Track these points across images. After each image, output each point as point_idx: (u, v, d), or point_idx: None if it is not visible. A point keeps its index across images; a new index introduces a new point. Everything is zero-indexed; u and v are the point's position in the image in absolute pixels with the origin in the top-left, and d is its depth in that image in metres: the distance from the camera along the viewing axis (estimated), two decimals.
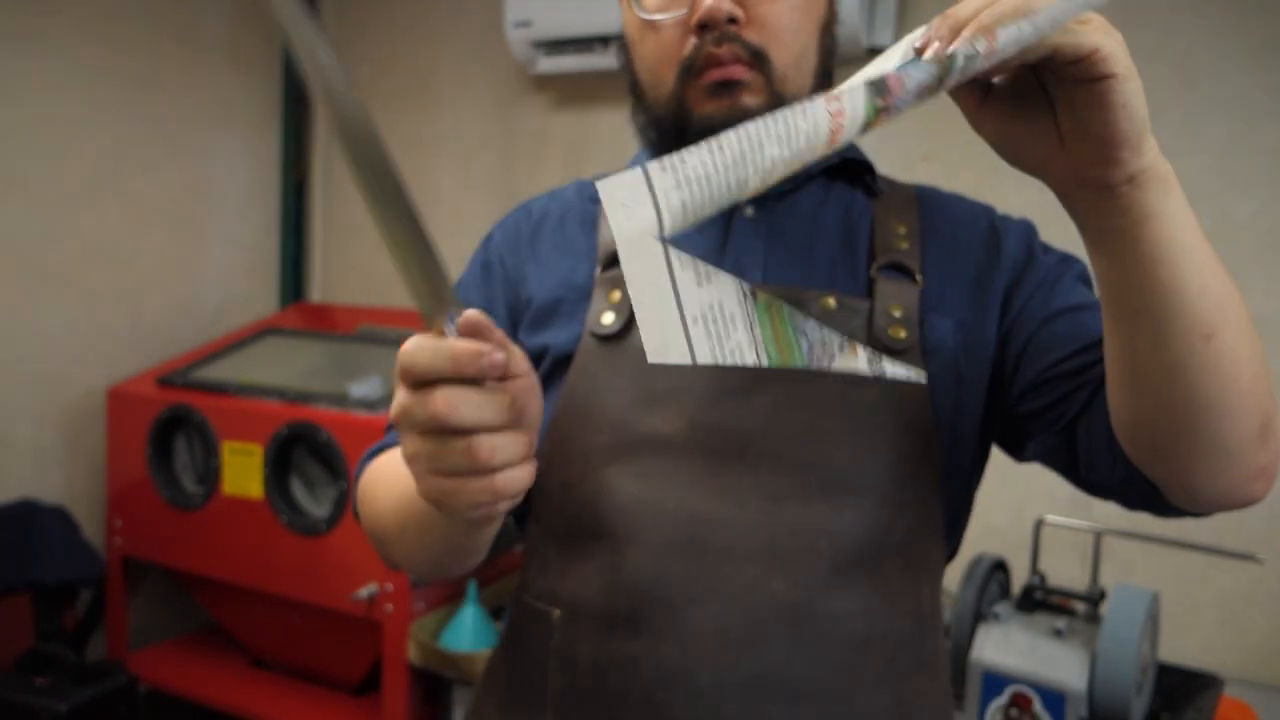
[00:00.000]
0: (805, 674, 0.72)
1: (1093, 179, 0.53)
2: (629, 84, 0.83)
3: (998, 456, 0.82)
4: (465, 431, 0.52)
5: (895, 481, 0.73)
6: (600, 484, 0.75)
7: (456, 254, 3.19)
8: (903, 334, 0.74)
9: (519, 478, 0.53)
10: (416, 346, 0.53)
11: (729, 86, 0.74)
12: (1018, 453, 0.79)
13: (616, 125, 2.38)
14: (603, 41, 2.20)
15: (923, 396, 0.74)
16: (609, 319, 0.78)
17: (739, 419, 0.73)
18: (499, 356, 0.51)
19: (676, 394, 0.75)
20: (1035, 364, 0.74)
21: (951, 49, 0.50)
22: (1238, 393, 0.56)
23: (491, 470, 0.52)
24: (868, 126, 0.50)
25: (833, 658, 0.72)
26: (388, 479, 0.75)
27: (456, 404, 0.51)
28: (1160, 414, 0.59)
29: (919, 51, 0.52)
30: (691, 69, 0.75)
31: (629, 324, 0.77)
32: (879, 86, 0.50)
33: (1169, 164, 0.53)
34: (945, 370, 0.75)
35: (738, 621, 0.71)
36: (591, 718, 0.74)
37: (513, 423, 0.53)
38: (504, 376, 0.52)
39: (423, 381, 0.53)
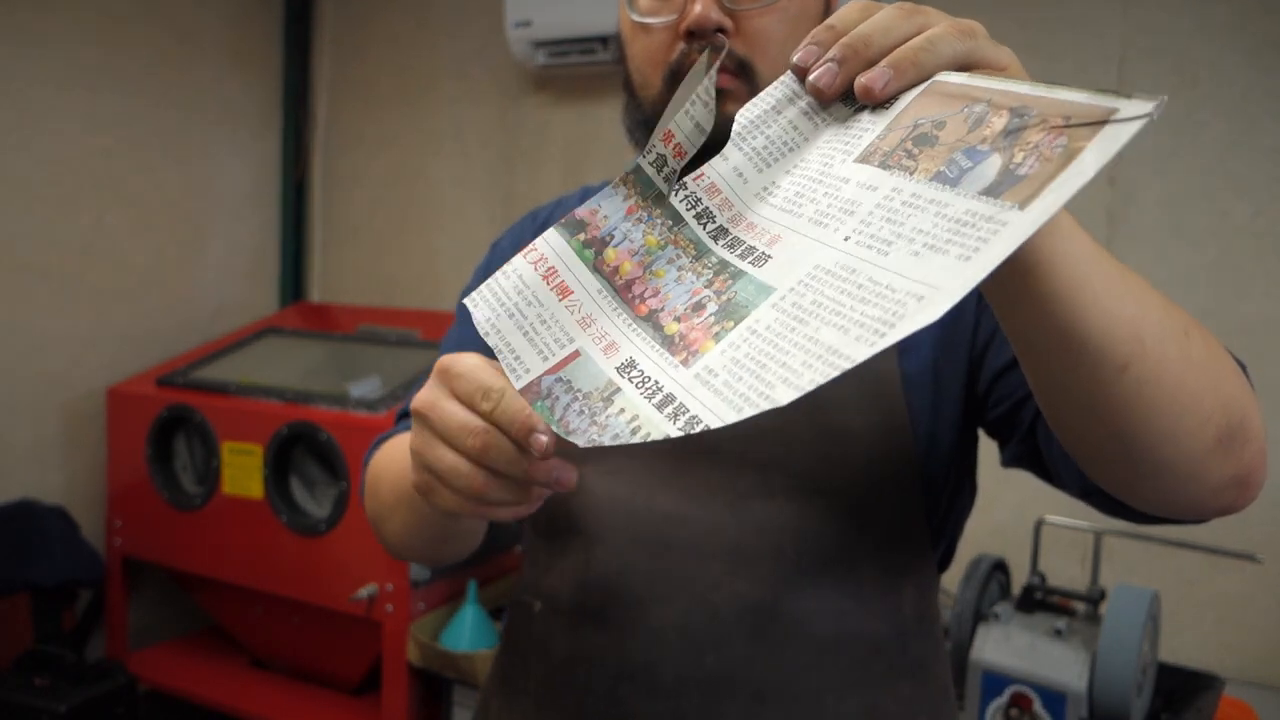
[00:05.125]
0: (768, 674, 0.72)
1: None
2: (623, 82, 0.84)
3: (996, 456, 0.82)
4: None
5: (868, 482, 0.73)
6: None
7: (457, 253, 3.17)
8: None
9: (500, 513, 0.54)
10: (478, 366, 0.52)
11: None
12: (1001, 457, 0.78)
13: (616, 124, 2.38)
14: (602, 41, 2.20)
15: (898, 395, 0.73)
16: None
17: None
18: (544, 440, 0.49)
19: None
20: (994, 364, 0.72)
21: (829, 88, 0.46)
22: (1172, 415, 0.50)
23: (477, 500, 0.53)
24: (596, 260, 0.48)
25: (797, 659, 0.72)
26: (391, 459, 0.77)
27: (487, 446, 0.51)
28: (1089, 443, 0.55)
29: (798, 71, 0.48)
30: (677, 74, 0.75)
31: None
32: (574, 224, 0.48)
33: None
34: (922, 369, 0.74)
35: (700, 619, 0.72)
36: (562, 708, 0.76)
37: (517, 483, 0.53)
38: (541, 456, 0.51)
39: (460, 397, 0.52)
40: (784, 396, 0.38)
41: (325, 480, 2.04)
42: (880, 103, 0.45)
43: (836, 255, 0.41)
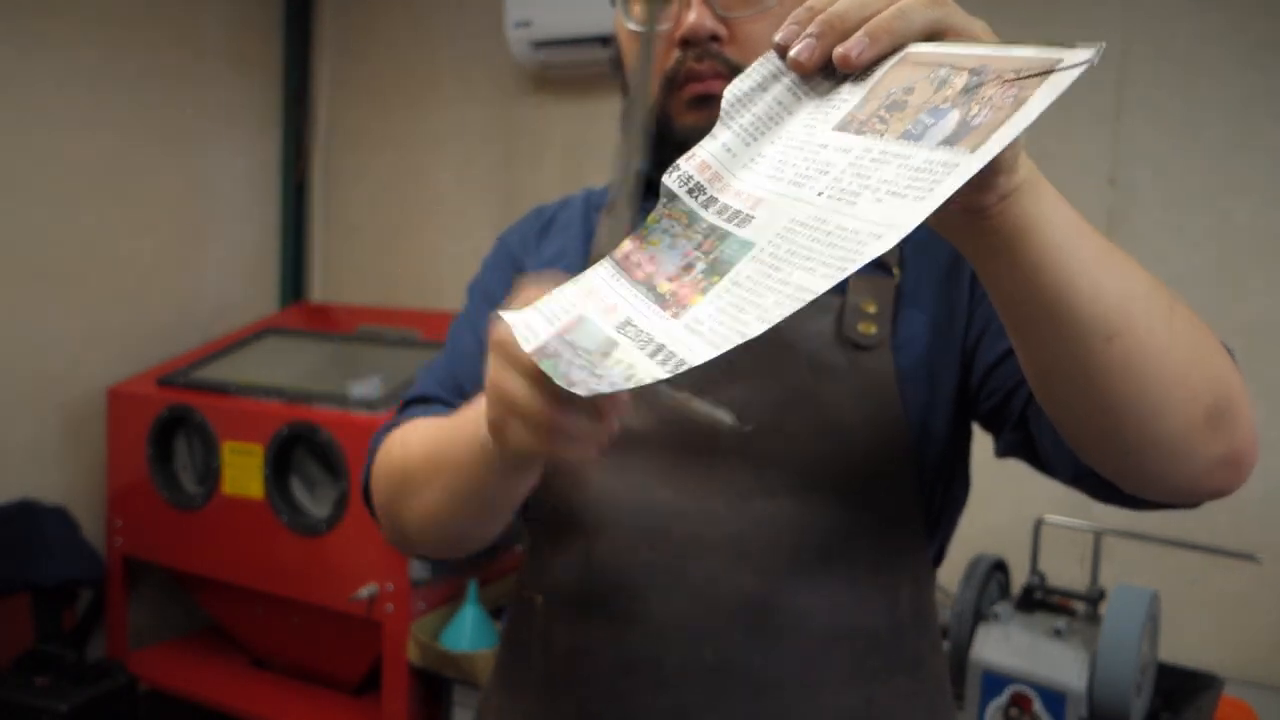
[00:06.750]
0: (767, 667, 0.73)
1: (964, 204, 0.47)
2: (620, 87, 0.85)
3: (993, 458, 0.82)
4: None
5: (865, 478, 0.74)
6: (575, 476, 0.78)
7: (456, 252, 3.17)
8: (872, 330, 0.75)
9: (571, 450, 0.54)
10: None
11: (708, 100, 0.75)
12: (995, 448, 0.78)
13: (616, 124, 2.38)
14: (602, 41, 2.20)
15: (893, 392, 0.74)
16: None
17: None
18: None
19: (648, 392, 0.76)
20: (986, 358, 0.74)
21: (809, 53, 0.49)
22: (1160, 388, 0.51)
23: (549, 432, 0.53)
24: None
25: (796, 652, 0.73)
26: (426, 427, 0.74)
27: (563, 420, 0.52)
28: (1080, 418, 0.56)
29: (780, 49, 0.51)
30: (674, 81, 0.76)
31: None
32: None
33: (1034, 165, 0.48)
34: (916, 365, 0.75)
35: (701, 612, 0.73)
36: (564, 701, 0.77)
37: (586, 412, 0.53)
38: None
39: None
40: (754, 329, 0.41)
41: (325, 480, 2.04)
42: (859, 72, 0.48)
43: (810, 210, 0.45)
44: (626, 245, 0.52)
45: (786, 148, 0.50)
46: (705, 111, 0.76)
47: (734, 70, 0.75)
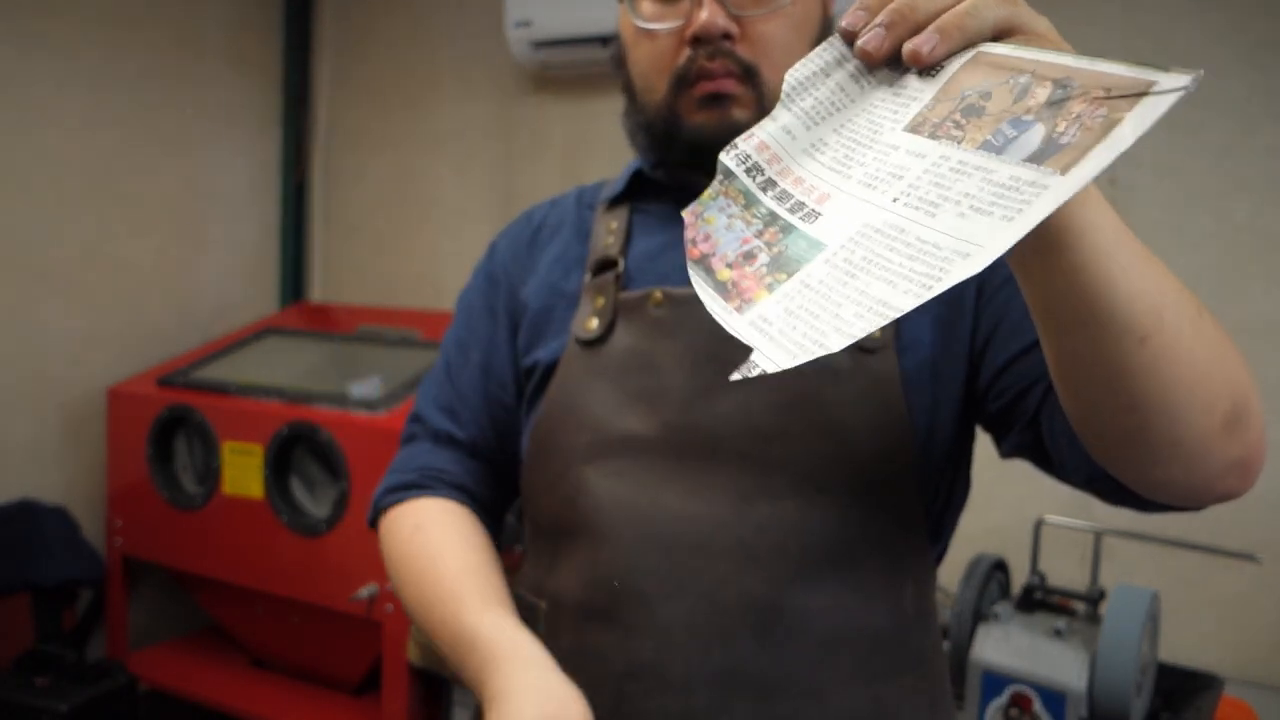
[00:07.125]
0: (774, 670, 0.73)
1: None
2: (623, 85, 0.85)
3: (995, 459, 0.82)
4: None
5: (869, 480, 0.74)
6: (579, 482, 0.77)
7: (456, 251, 3.16)
8: (877, 332, 0.74)
9: None
10: None
11: (719, 99, 0.75)
12: (1000, 449, 0.78)
13: (616, 124, 2.37)
14: (602, 41, 2.20)
15: (897, 394, 0.74)
16: (593, 324, 0.80)
17: (709, 420, 0.75)
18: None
19: (651, 396, 0.76)
20: (996, 359, 0.73)
21: (881, 50, 0.47)
22: (1185, 390, 0.52)
23: None
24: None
25: (802, 654, 0.73)
26: (420, 581, 0.80)
27: None
28: (1105, 418, 0.56)
29: (846, 35, 0.49)
30: (684, 80, 0.76)
31: (610, 329, 0.79)
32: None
33: None
34: (921, 367, 0.75)
35: (707, 617, 0.73)
36: None
37: None
38: None
39: None
40: (836, 344, 0.40)
41: (325, 480, 2.04)
42: (927, 68, 0.47)
43: (886, 215, 0.43)
44: (686, 218, 0.50)
45: (851, 141, 0.48)
46: (716, 110, 0.76)
47: (745, 69, 0.75)
